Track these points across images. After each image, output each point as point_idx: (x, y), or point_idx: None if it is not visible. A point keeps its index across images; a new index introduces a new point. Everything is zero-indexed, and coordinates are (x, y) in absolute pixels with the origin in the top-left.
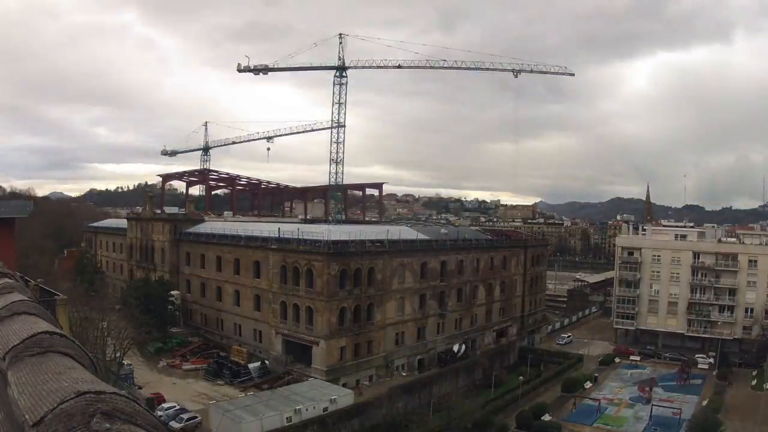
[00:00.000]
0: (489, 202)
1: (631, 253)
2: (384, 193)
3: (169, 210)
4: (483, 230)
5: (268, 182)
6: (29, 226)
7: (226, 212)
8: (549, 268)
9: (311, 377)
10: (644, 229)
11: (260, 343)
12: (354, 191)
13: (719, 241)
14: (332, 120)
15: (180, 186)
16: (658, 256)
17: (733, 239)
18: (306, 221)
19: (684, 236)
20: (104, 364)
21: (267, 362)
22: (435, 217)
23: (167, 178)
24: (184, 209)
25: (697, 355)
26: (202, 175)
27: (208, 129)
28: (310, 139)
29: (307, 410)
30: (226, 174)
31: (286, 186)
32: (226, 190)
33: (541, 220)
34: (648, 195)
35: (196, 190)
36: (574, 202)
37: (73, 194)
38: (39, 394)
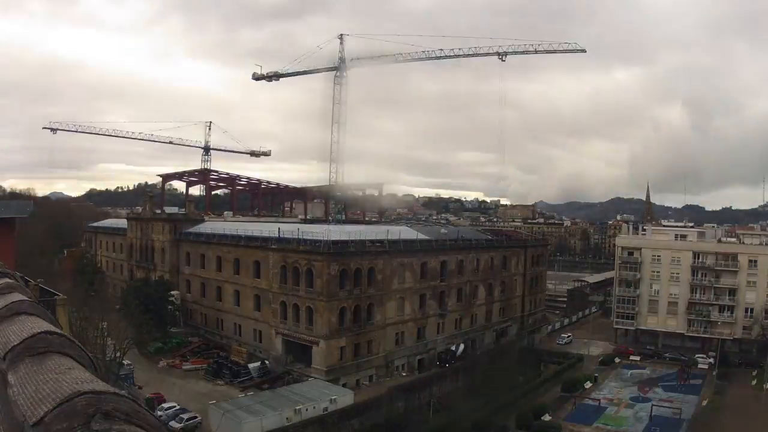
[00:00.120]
0: (489, 202)
1: (631, 253)
2: (384, 192)
3: (169, 210)
4: (483, 230)
5: (268, 182)
6: (29, 226)
7: (226, 212)
8: (549, 268)
9: (311, 377)
10: (644, 229)
11: (260, 343)
12: (354, 191)
13: (719, 241)
14: (332, 120)
15: (180, 186)
16: (658, 256)
17: (733, 239)
18: (306, 221)
19: (684, 236)
20: (104, 364)
21: (267, 362)
22: (435, 217)
23: (167, 178)
24: (184, 209)
25: (697, 355)
26: (202, 175)
27: (211, 129)
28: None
29: (307, 410)
30: (226, 174)
31: (286, 186)
32: (226, 190)
33: (541, 220)
34: (648, 195)
35: (196, 190)
36: (574, 202)
37: (73, 194)
38: (39, 394)
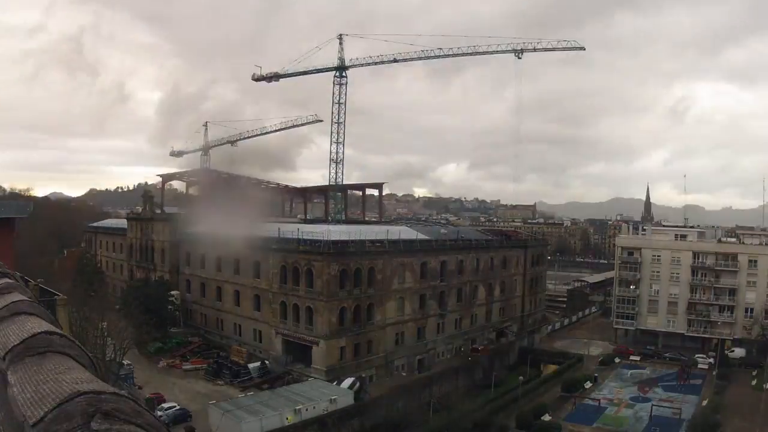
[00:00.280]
0: (489, 202)
1: (631, 253)
2: (384, 192)
3: (169, 210)
4: (483, 230)
5: (268, 182)
6: (29, 226)
7: None
8: (549, 268)
9: (311, 377)
10: (644, 229)
11: (260, 343)
12: (354, 191)
13: (719, 241)
14: (332, 120)
15: (180, 186)
16: (658, 256)
17: (733, 239)
18: (306, 221)
19: (684, 236)
20: (104, 364)
21: (267, 362)
22: (435, 217)
23: (167, 178)
24: (184, 209)
25: (697, 355)
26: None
27: (208, 129)
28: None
29: (307, 410)
30: (226, 174)
31: (286, 186)
32: None
33: (541, 220)
34: (648, 195)
35: (196, 190)
36: (574, 202)
37: (73, 194)
38: (39, 394)
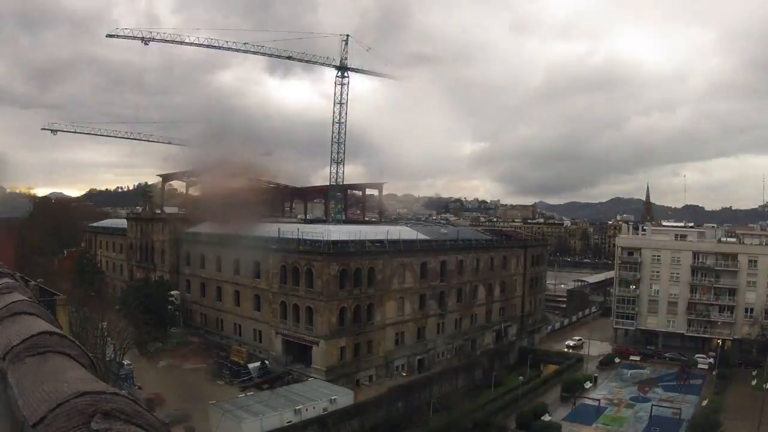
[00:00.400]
0: (489, 202)
1: (631, 253)
2: (384, 193)
3: (169, 210)
4: (483, 230)
5: (268, 182)
6: (29, 226)
7: None
8: (549, 268)
9: (311, 377)
10: (644, 229)
11: (260, 343)
12: (354, 191)
13: (719, 241)
14: (333, 120)
15: (180, 186)
16: (658, 256)
17: (733, 239)
18: (306, 221)
19: (684, 236)
20: (104, 364)
21: (267, 362)
22: (435, 217)
23: (167, 178)
24: (184, 209)
25: (697, 355)
26: None
27: None
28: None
29: (307, 410)
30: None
31: (286, 186)
32: None
33: (541, 220)
34: (648, 195)
35: (196, 190)
36: (574, 202)
37: (73, 194)
38: (39, 394)
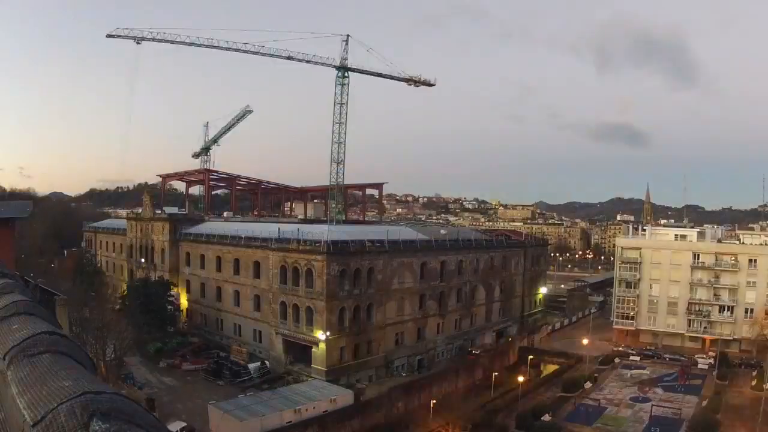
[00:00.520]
0: (489, 202)
1: (631, 253)
2: (384, 193)
3: (169, 210)
4: (483, 231)
5: (268, 182)
6: (29, 226)
7: (226, 212)
8: (549, 268)
9: (311, 377)
10: (644, 230)
11: (260, 343)
12: (354, 191)
13: (719, 241)
14: (334, 120)
15: (180, 186)
16: (658, 256)
17: (733, 239)
18: (306, 221)
19: (684, 236)
20: (104, 364)
21: (267, 362)
22: (435, 218)
23: (167, 178)
24: (184, 209)
25: (697, 355)
26: (202, 175)
27: (209, 128)
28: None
29: (307, 410)
30: (226, 174)
31: (286, 186)
32: (226, 190)
33: (541, 220)
34: (648, 195)
35: (196, 190)
36: (574, 202)
37: (73, 194)
38: (39, 394)
